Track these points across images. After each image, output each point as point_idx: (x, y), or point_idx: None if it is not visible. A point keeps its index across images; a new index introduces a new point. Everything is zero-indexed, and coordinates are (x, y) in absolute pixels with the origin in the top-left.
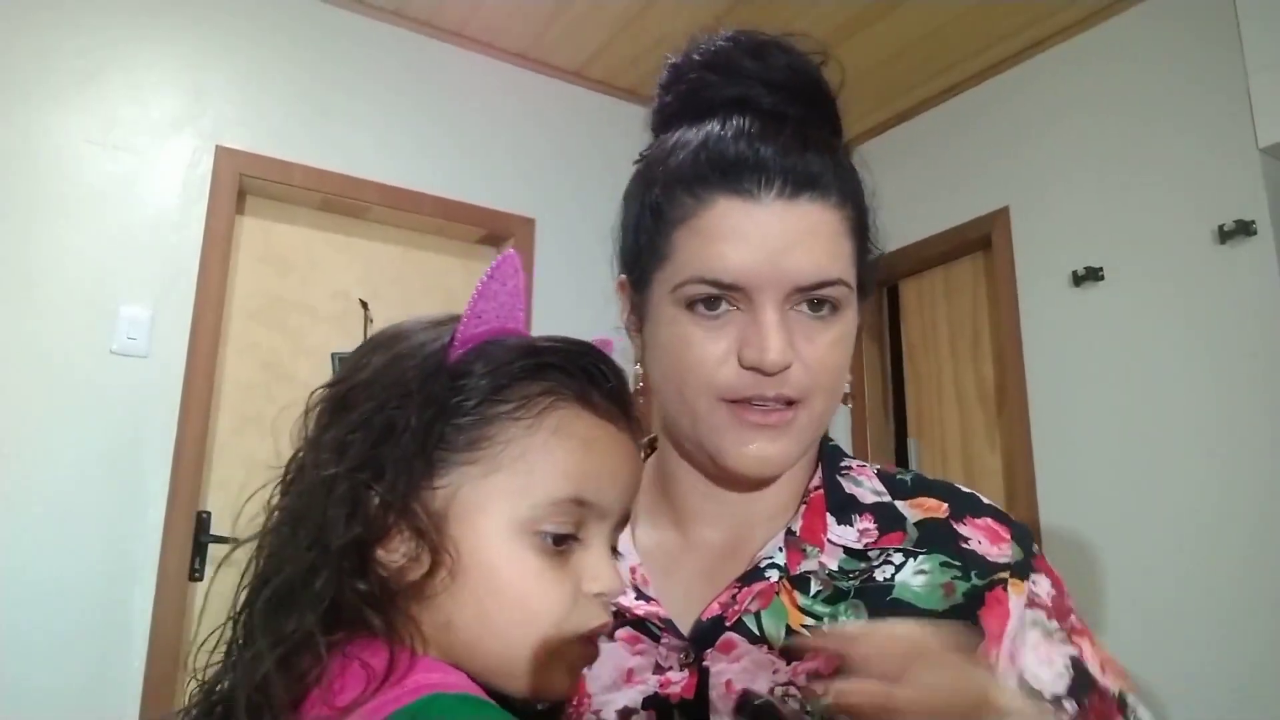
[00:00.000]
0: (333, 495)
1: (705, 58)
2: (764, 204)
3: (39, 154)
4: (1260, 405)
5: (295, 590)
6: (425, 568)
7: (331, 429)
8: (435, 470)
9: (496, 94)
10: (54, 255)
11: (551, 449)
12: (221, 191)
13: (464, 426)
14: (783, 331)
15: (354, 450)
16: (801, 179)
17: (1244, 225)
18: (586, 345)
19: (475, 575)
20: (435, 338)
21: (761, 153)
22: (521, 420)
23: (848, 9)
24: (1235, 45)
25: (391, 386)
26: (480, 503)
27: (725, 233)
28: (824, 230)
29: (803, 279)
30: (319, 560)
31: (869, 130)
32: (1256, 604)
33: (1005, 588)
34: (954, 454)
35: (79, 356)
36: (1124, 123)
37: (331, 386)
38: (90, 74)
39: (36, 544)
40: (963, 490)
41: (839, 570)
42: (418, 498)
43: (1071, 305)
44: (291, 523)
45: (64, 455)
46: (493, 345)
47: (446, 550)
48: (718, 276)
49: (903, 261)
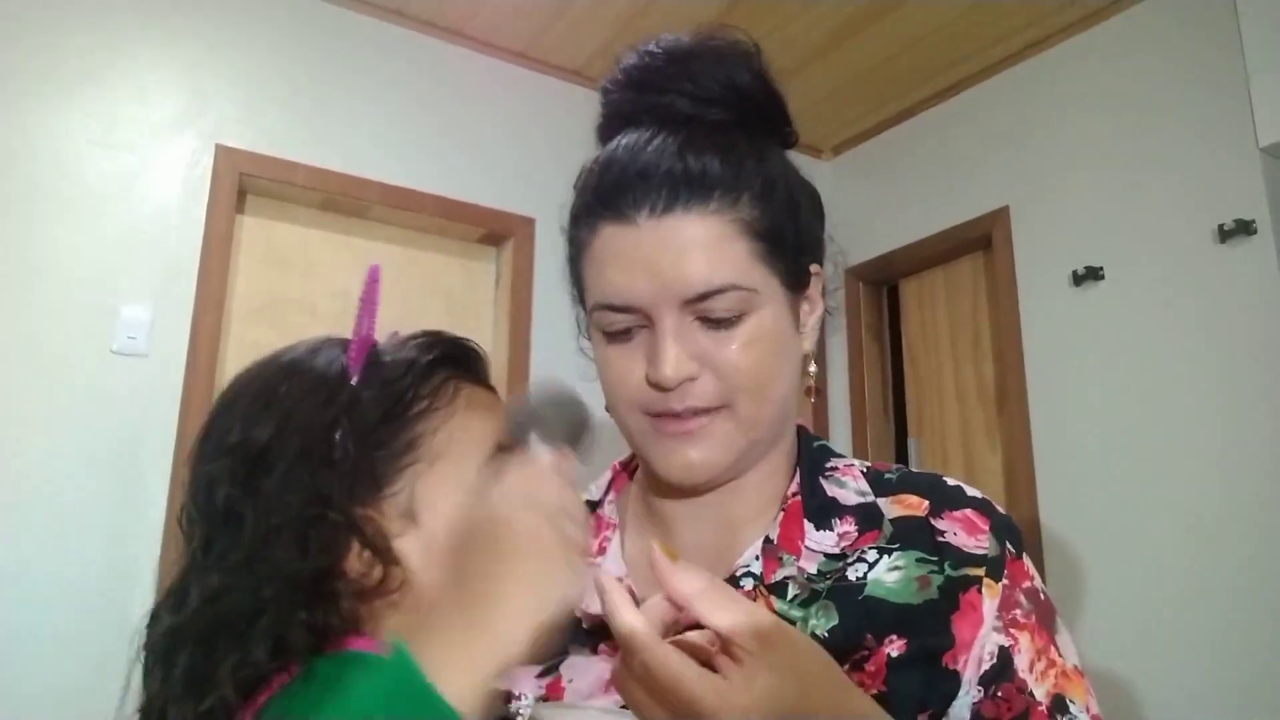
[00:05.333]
0: (284, 537)
1: (627, 74)
2: (638, 225)
3: (39, 154)
4: (1261, 405)
5: (249, 626)
6: (381, 572)
7: (260, 481)
8: (383, 482)
9: (496, 94)
10: (54, 255)
11: (472, 420)
12: (221, 191)
13: (396, 433)
14: (675, 347)
15: (297, 492)
16: (672, 192)
17: (1244, 225)
18: (451, 334)
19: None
20: (326, 366)
21: (638, 171)
22: (440, 409)
23: (847, 9)
24: (1235, 45)
25: (310, 427)
26: (437, 488)
27: (609, 258)
28: (703, 239)
29: (686, 291)
30: (277, 596)
31: (869, 130)
32: (1257, 604)
33: (980, 589)
34: (954, 454)
35: (79, 356)
36: (1124, 122)
37: (226, 453)
38: (91, 74)
39: (36, 544)
40: (948, 484)
41: (817, 574)
42: (376, 510)
43: (1071, 305)
44: (243, 570)
45: (64, 455)
46: (381, 356)
47: (393, 552)
48: (610, 301)
49: (903, 261)
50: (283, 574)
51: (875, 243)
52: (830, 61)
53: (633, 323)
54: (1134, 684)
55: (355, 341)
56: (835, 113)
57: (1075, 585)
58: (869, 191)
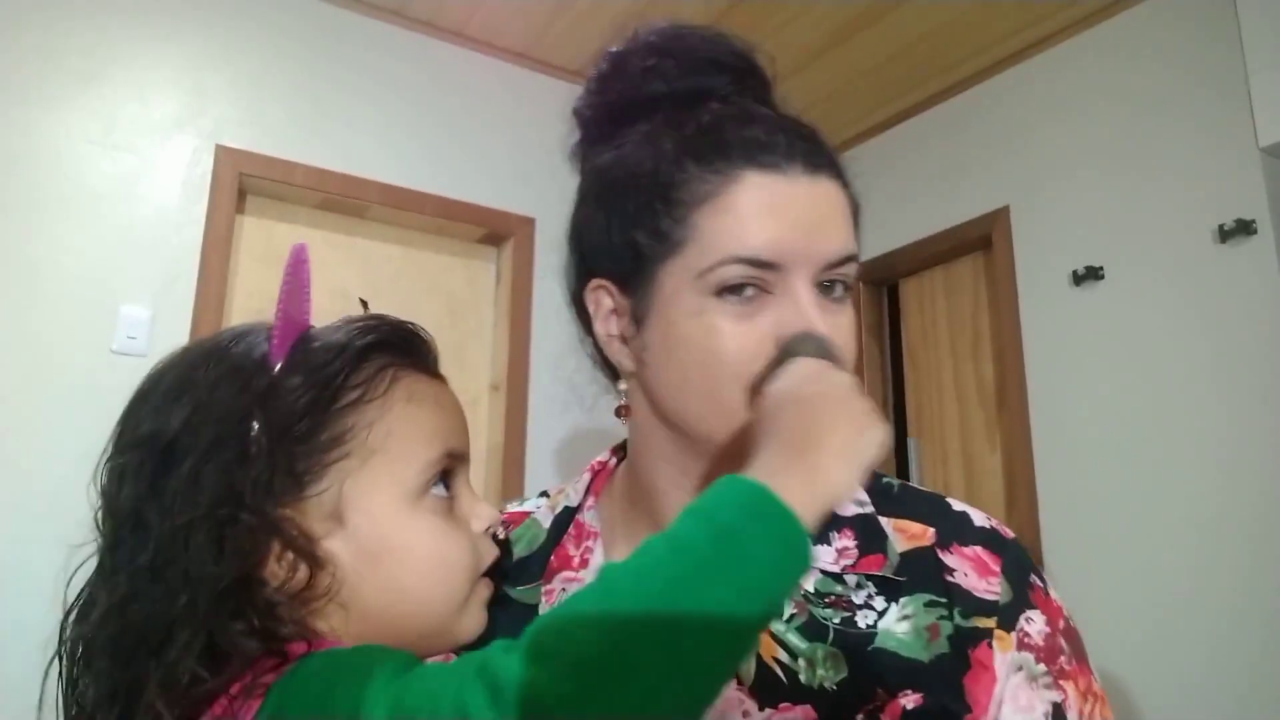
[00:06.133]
0: (194, 540)
1: (656, 44)
2: (791, 178)
3: (39, 154)
4: (1261, 405)
5: (167, 637)
6: (307, 574)
7: (168, 476)
8: (306, 479)
9: (496, 94)
10: (54, 255)
11: (412, 416)
12: (221, 191)
13: (321, 426)
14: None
15: (206, 489)
16: (820, 154)
17: (1244, 225)
18: (393, 318)
19: (390, 557)
20: (246, 352)
21: (773, 128)
22: (373, 401)
23: (847, 9)
24: (1235, 45)
25: (224, 417)
26: (368, 489)
27: (757, 209)
28: (841, 207)
29: (832, 254)
30: (192, 603)
31: (869, 130)
32: (1257, 604)
33: (991, 642)
34: (954, 453)
35: (79, 356)
36: (1124, 122)
37: (135, 445)
38: (91, 74)
39: (36, 544)
40: (953, 509)
41: (815, 593)
42: (298, 510)
43: (1071, 305)
44: (150, 575)
45: (64, 455)
46: (308, 343)
47: (319, 555)
48: (755, 254)
49: (903, 261)
50: (195, 580)
51: (875, 243)
52: (830, 62)
53: (758, 282)
54: (1134, 683)
55: (279, 324)
56: (835, 113)
57: (1075, 585)
58: (869, 191)
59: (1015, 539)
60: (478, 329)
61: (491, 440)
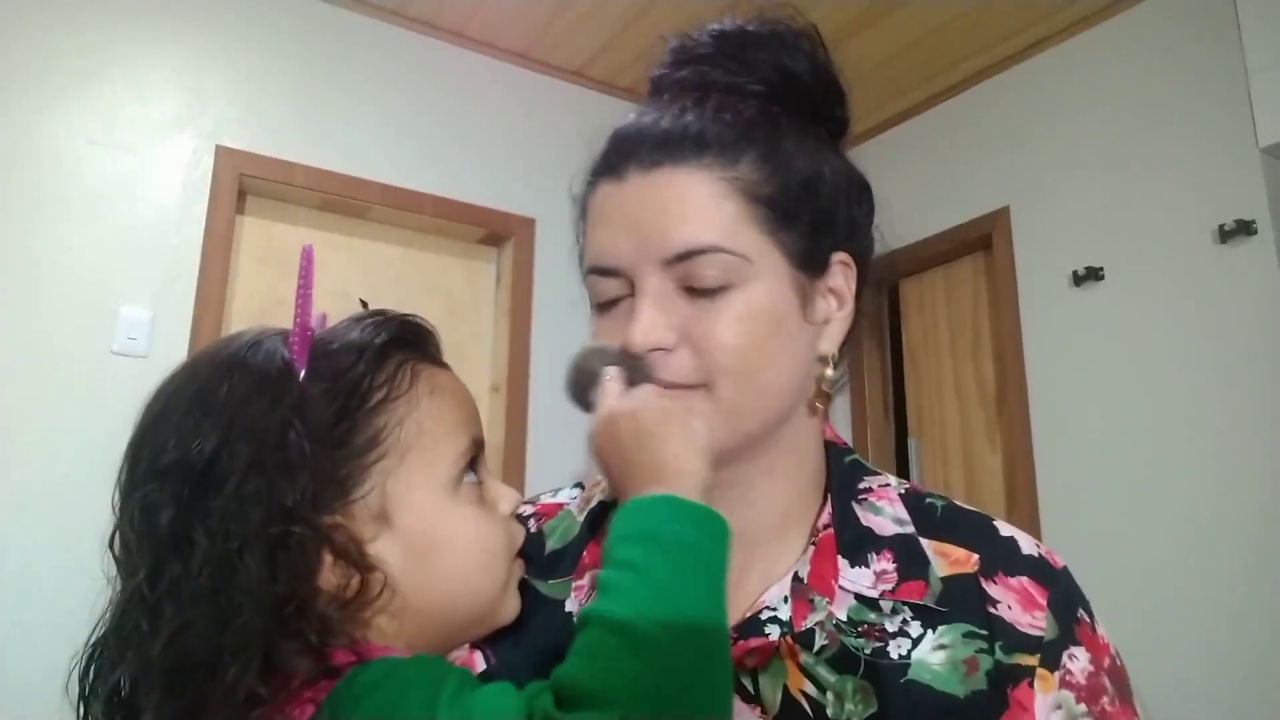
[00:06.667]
0: (247, 560)
1: (674, 55)
2: (625, 180)
3: (39, 154)
4: (1261, 405)
5: (223, 661)
6: (359, 582)
7: (210, 499)
8: (350, 484)
9: (496, 94)
10: (54, 255)
11: (437, 409)
12: (221, 191)
13: (356, 429)
14: (651, 311)
15: (255, 508)
16: (663, 146)
17: (1244, 225)
18: (397, 312)
19: (437, 551)
20: (266, 364)
21: (637, 129)
22: (399, 398)
23: (847, 9)
24: (1235, 45)
25: (261, 432)
26: (410, 486)
27: (596, 218)
28: (691, 195)
29: (665, 249)
30: (249, 624)
31: (869, 130)
32: (1258, 604)
33: (1032, 682)
34: (954, 454)
35: (79, 356)
36: (1124, 122)
37: (166, 472)
38: (91, 74)
39: (37, 544)
40: (1000, 534)
41: (847, 621)
42: (345, 516)
43: (1071, 305)
44: (203, 601)
45: (64, 455)
46: (325, 345)
47: (369, 559)
48: (593, 262)
49: (903, 261)
50: (252, 600)
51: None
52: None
53: (620, 291)
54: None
55: (297, 331)
56: None
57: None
58: None
59: (1065, 568)
60: (478, 329)
61: (492, 440)
